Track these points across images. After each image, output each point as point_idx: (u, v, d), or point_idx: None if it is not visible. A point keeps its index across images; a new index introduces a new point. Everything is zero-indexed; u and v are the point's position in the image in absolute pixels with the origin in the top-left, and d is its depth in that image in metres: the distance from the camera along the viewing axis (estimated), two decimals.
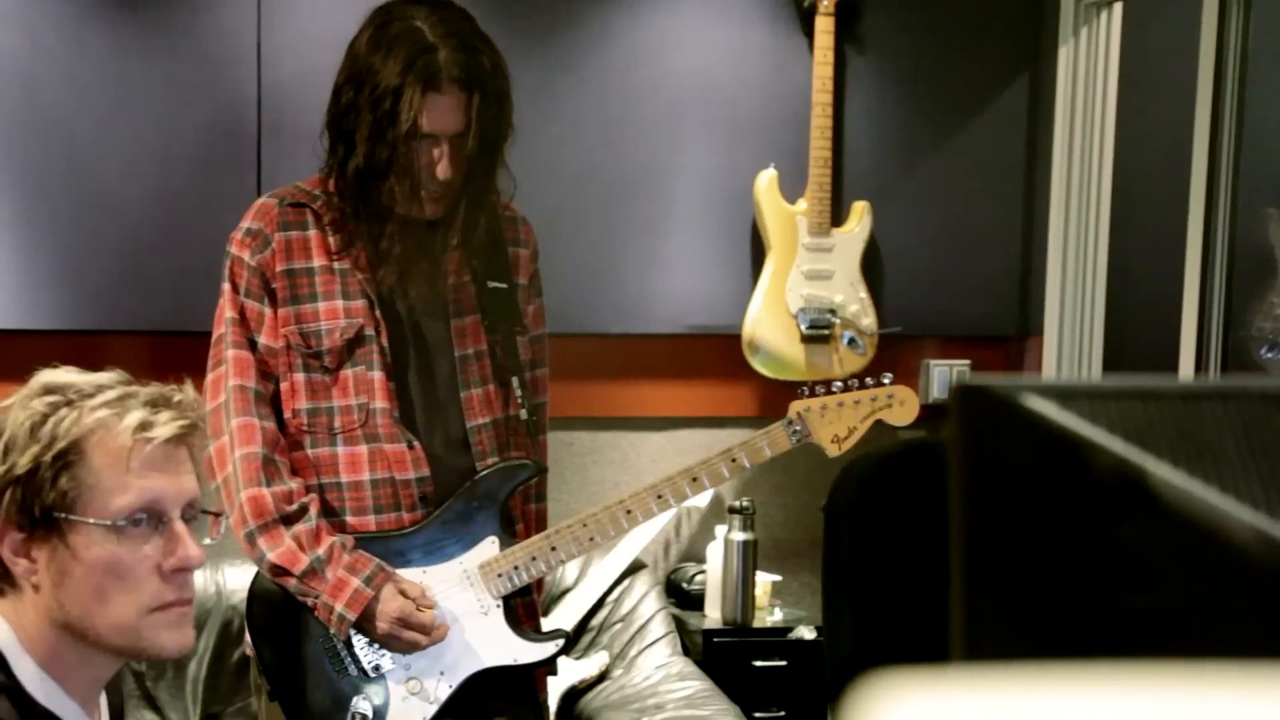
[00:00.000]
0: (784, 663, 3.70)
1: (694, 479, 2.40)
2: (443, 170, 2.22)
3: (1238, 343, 3.31)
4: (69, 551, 1.47)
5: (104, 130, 3.52)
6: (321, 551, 2.23)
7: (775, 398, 4.00)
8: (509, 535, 2.38)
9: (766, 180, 3.83)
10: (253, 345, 2.29)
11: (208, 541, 1.60)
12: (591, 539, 2.37)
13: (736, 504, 3.72)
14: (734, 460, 2.42)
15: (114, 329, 3.62)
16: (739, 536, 3.70)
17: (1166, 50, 3.79)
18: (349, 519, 2.30)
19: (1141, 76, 3.83)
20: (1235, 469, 0.64)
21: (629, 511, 2.39)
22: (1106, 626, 0.65)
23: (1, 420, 1.48)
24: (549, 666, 2.45)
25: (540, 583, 2.50)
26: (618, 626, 3.66)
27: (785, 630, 3.76)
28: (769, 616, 3.85)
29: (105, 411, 1.49)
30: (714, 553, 3.77)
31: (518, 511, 2.44)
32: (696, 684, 3.50)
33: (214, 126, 3.59)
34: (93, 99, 3.51)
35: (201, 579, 3.54)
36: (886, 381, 2.61)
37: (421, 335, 2.34)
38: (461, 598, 2.34)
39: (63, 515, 1.46)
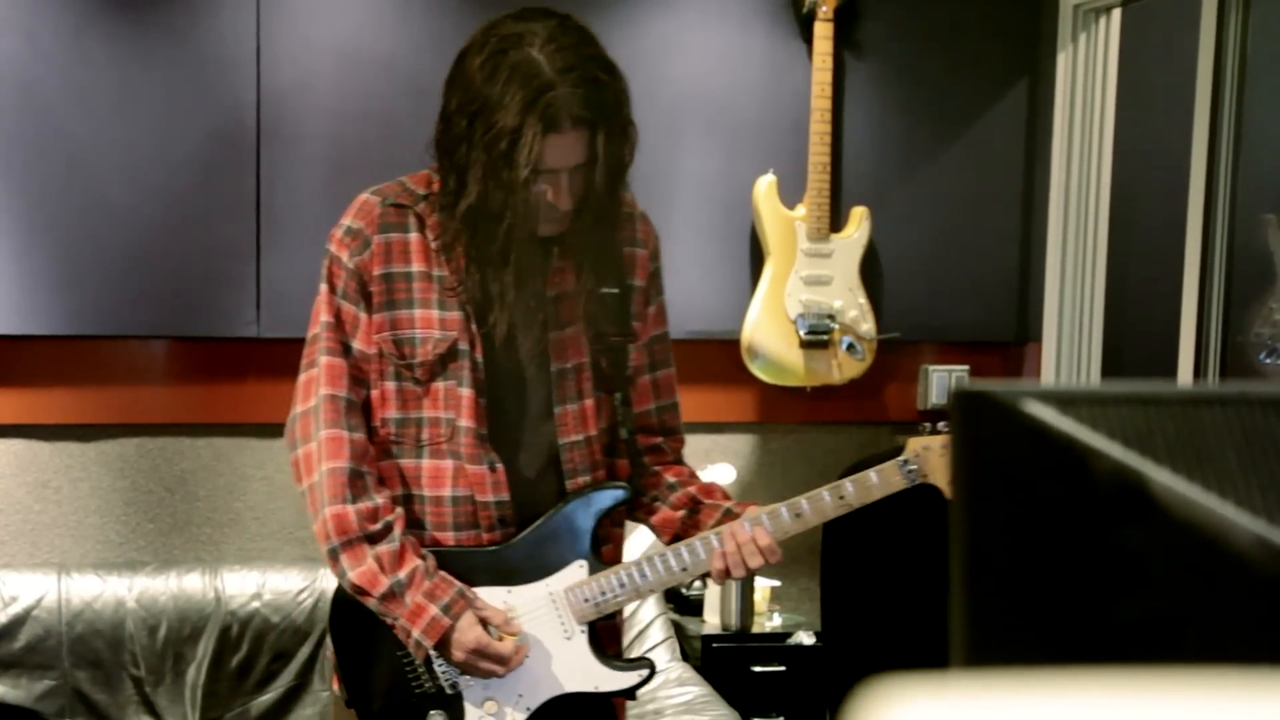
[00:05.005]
0: (783, 668, 3.70)
1: (797, 515, 2.26)
2: (563, 202, 2.13)
3: (1236, 348, 3.32)
4: None
5: (103, 136, 3.52)
6: (403, 575, 2.17)
7: (774, 403, 4.00)
8: (598, 559, 2.29)
9: (765, 185, 3.83)
10: (346, 350, 2.21)
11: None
12: (684, 569, 2.27)
13: None
14: (841, 498, 2.25)
15: (113, 334, 3.62)
16: None
17: (1165, 56, 3.80)
18: (429, 532, 2.25)
19: (1140, 82, 3.84)
20: (1234, 474, 0.64)
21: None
22: (1107, 632, 0.65)
23: None
24: (629, 694, 2.37)
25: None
26: None
27: (784, 635, 3.76)
28: (768, 622, 3.85)
29: None
30: None
31: (607, 533, 2.35)
32: (696, 689, 3.50)
33: (213, 132, 3.58)
34: (92, 105, 3.51)
35: (200, 585, 3.54)
36: None
37: (517, 349, 2.25)
38: (546, 621, 2.27)
39: None
